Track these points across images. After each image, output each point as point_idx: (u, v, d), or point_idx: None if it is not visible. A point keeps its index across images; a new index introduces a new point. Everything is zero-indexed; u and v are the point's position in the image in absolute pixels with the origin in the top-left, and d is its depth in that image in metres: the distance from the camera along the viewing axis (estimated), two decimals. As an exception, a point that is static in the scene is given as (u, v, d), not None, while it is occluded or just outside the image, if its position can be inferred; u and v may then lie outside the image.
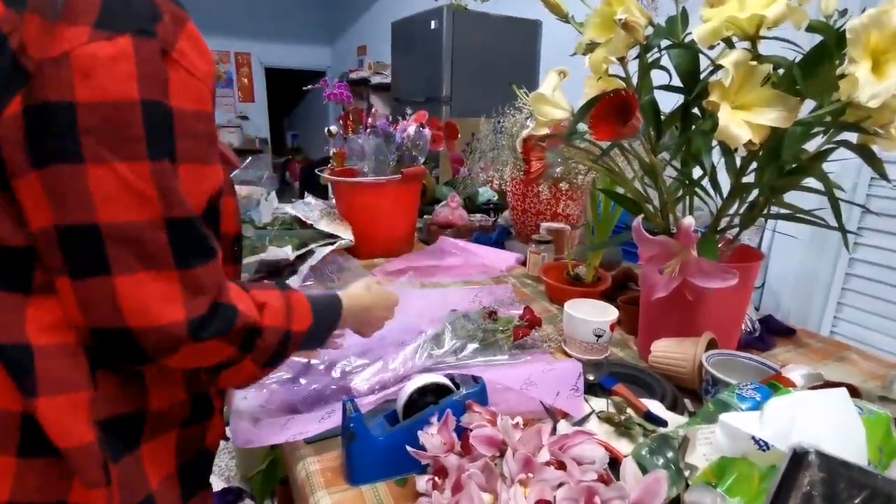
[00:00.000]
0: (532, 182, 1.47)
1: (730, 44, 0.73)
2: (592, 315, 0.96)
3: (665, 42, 0.79)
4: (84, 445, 0.47)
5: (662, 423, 0.70)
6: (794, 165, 0.78)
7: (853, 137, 0.74)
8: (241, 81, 6.84)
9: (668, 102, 0.84)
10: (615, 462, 0.59)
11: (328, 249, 1.30)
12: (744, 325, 1.02)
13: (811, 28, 0.68)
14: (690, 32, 0.74)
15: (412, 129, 1.45)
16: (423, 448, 0.59)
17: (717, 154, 0.80)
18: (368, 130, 1.45)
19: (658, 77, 0.82)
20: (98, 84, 0.43)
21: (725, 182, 0.84)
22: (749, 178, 0.81)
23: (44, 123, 0.43)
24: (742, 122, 0.68)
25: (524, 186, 1.52)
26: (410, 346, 0.89)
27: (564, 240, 1.37)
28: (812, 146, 0.77)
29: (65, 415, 0.47)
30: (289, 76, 6.88)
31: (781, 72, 0.71)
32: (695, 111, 0.81)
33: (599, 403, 0.76)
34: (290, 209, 1.39)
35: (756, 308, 1.45)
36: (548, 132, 0.90)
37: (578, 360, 0.85)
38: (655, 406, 0.74)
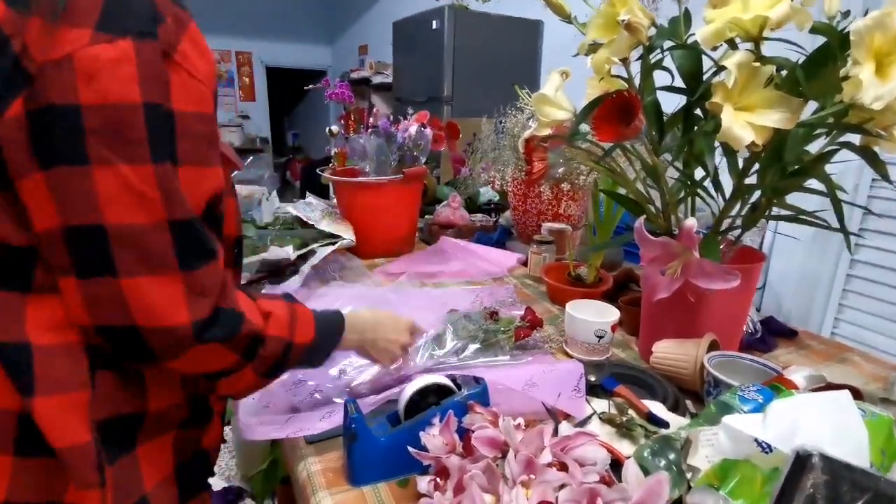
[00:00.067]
0: (534, 182, 1.47)
1: (733, 45, 0.73)
2: (594, 316, 0.96)
3: (668, 43, 0.79)
4: (80, 446, 0.47)
5: (664, 425, 0.70)
6: (797, 167, 0.78)
7: (855, 139, 0.73)
8: (243, 81, 6.83)
9: (671, 103, 0.84)
10: (617, 463, 0.59)
11: (329, 249, 1.30)
12: (745, 327, 1.02)
13: (814, 30, 0.68)
14: (693, 33, 0.74)
15: (413, 129, 1.45)
16: (425, 449, 0.59)
17: (720, 155, 0.80)
18: (370, 130, 1.45)
19: (661, 78, 0.82)
20: (101, 86, 0.43)
21: (727, 183, 0.84)
22: (751, 180, 0.81)
23: (48, 126, 0.43)
24: (745, 124, 0.68)
25: (526, 187, 1.52)
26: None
27: (566, 240, 1.37)
28: (814, 148, 0.77)
29: (62, 415, 0.47)
30: (290, 75, 6.87)
31: (784, 73, 0.71)
32: (697, 112, 0.80)
33: (601, 404, 0.76)
34: (292, 209, 1.39)
35: (757, 309, 1.45)
36: (550, 133, 0.90)
37: (580, 361, 0.85)
38: (657, 407, 0.74)
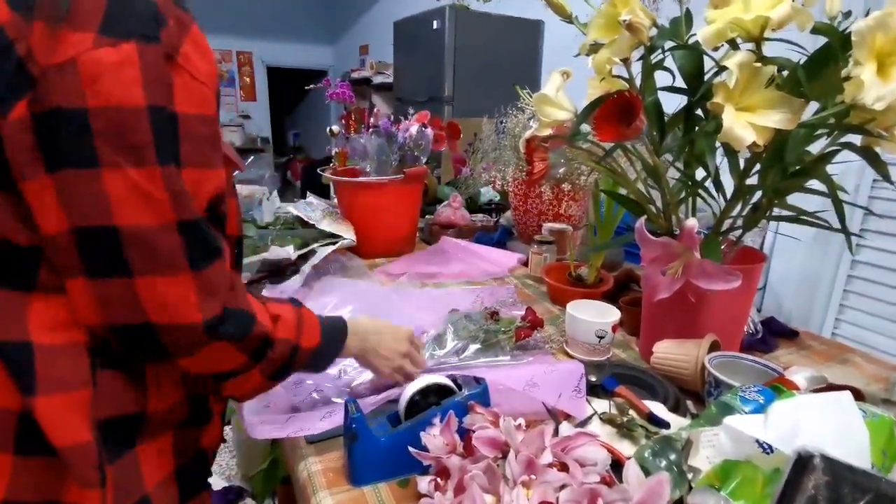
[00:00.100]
0: (534, 183, 1.47)
1: (734, 45, 0.73)
2: (594, 316, 0.96)
3: (669, 43, 0.78)
4: (81, 445, 0.47)
5: (665, 425, 0.70)
6: (798, 167, 0.77)
7: (857, 140, 0.73)
8: (244, 80, 6.83)
9: (672, 104, 0.84)
10: (618, 464, 0.59)
11: (330, 249, 1.30)
12: (746, 327, 1.02)
13: (816, 30, 0.68)
14: (694, 34, 0.74)
15: (414, 129, 1.45)
16: (426, 449, 0.59)
17: (721, 156, 0.80)
18: (370, 130, 1.45)
19: (662, 78, 0.82)
20: (105, 90, 0.43)
21: (728, 184, 0.84)
22: (752, 180, 0.81)
23: (55, 129, 0.43)
24: (746, 124, 0.68)
25: (526, 187, 1.52)
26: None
27: (566, 240, 1.37)
28: (816, 148, 0.77)
29: (63, 414, 0.47)
30: (291, 75, 6.87)
31: (786, 74, 0.71)
32: (698, 113, 0.80)
33: (601, 405, 0.76)
34: (292, 209, 1.39)
35: (758, 310, 1.45)
36: (551, 133, 0.90)
37: (580, 362, 0.85)
38: (658, 408, 0.74)
